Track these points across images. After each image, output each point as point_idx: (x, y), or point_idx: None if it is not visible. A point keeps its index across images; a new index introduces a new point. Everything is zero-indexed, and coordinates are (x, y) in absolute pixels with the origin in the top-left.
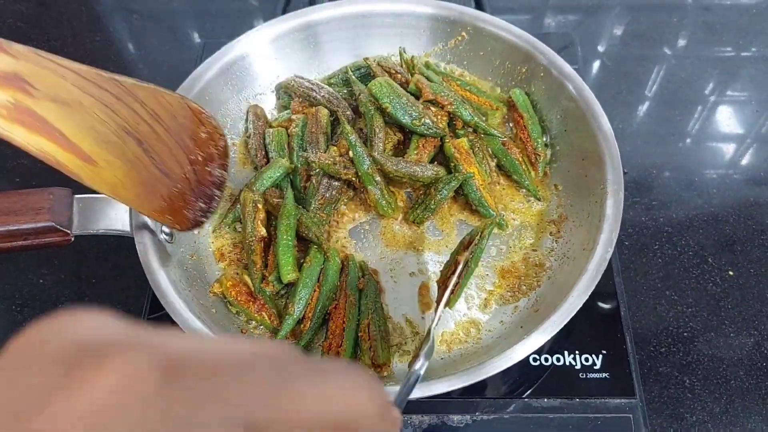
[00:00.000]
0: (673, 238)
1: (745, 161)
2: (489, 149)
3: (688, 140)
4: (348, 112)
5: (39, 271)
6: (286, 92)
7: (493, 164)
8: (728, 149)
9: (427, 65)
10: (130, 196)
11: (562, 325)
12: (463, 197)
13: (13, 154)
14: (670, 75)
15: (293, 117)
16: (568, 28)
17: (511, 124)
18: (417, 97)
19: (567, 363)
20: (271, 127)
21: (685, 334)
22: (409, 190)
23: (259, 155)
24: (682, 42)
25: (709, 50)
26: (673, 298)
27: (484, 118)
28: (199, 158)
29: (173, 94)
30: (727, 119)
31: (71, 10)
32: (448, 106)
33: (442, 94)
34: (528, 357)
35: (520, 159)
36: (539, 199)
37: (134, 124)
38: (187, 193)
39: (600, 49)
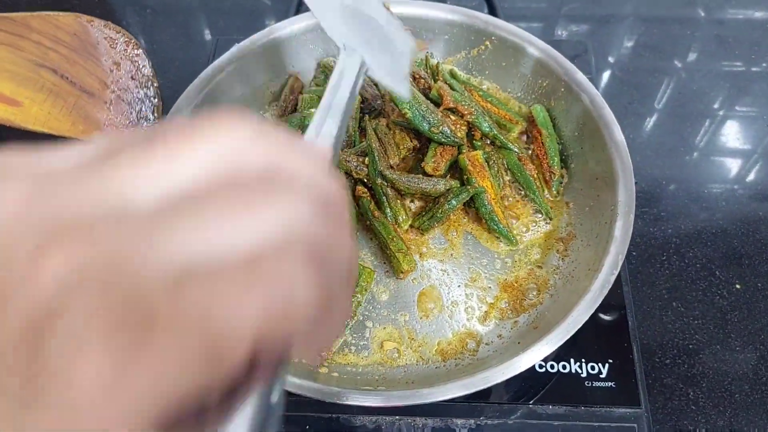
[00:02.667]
0: (680, 249)
1: (754, 176)
2: (504, 163)
3: (698, 153)
4: (379, 101)
5: None
6: (323, 71)
7: (507, 179)
8: (738, 164)
9: (452, 73)
10: (67, 126)
11: (559, 344)
12: (474, 210)
13: (24, 143)
14: (682, 87)
15: None
16: (579, 38)
17: (529, 143)
18: (438, 104)
19: (573, 371)
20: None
21: (691, 346)
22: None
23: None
24: (693, 55)
25: (721, 64)
26: (679, 310)
27: (503, 131)
28: (114, 67)
29: (66, 14)
30: (737, 133)
31: (84, 2)
32: (468, 116)
33: (463, 103)
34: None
35: (535, 176)
36: (550, 218)
37: (42, 55)
38: (119, 105)
39: (611, 59)
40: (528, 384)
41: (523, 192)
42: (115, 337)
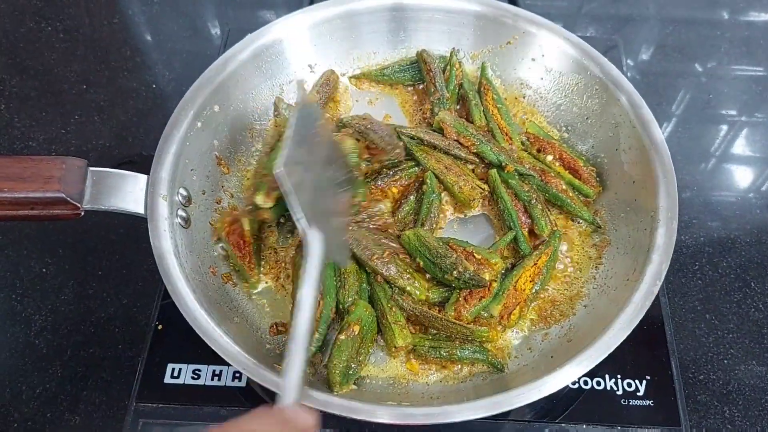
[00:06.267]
0: (714, 259)
1: None
2: (543, 196)
3: (731, 159)
4: (397, 150)
5: (42, 260)
6: (340, 124)
7: (553, 218)
8: None
9: (483, 67)
10: None
11: (599, 360)
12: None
13: (21, 135)
14: (713, 91)
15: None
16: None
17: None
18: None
19: (608, 387)
20: None
21: (726, 360)
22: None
23: None
24: (720, 58)
25: (745, 68)
26: (713, 323)
27: (514, 153)
28: None
29: None
30: None
31: None
32: (472, 147)
33: (465, 133)
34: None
35: (564, 187)
36: (598, 227)
37: None
38: None
39: (630, 62)
40: (557, 400)
41: (561, 208)
42: None
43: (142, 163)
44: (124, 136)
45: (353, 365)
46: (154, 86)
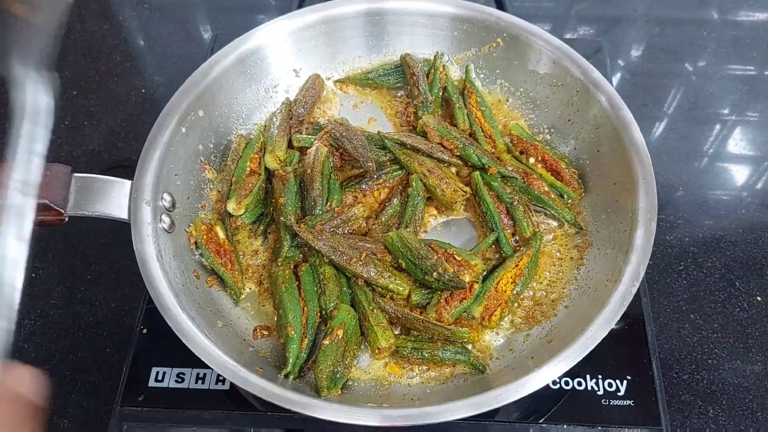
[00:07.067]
0: (698, 258)
1: None
2: (526, 198)
3: (715, 159)
4: (370, 164)
5: (31, 264)
6: (317, 127)
7: (535, 220)
8: (758, 170)
9: (467, 70)
10: None
11: (576, 361)
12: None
13: None
14: (698, 90)
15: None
16: (591, 38)
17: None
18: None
19: (589, 388)
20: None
21: (710, 360)
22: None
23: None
24: (708, 58)
25: (734, 67)
26: (697, 323)
27: (496, 158)
28: None
29: None
30: (756, 139)
31: None
32: (456, 150)
33: (449, 137)
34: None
35: (546, 189)
36: (581, 228)
37: None
38: None
39: (621, 62)
40: (539, 401)
41: (543, 210)
42: None
43: (132, 168)
44: (114, 140)
45: (340, 369)
46: (143, 91)
